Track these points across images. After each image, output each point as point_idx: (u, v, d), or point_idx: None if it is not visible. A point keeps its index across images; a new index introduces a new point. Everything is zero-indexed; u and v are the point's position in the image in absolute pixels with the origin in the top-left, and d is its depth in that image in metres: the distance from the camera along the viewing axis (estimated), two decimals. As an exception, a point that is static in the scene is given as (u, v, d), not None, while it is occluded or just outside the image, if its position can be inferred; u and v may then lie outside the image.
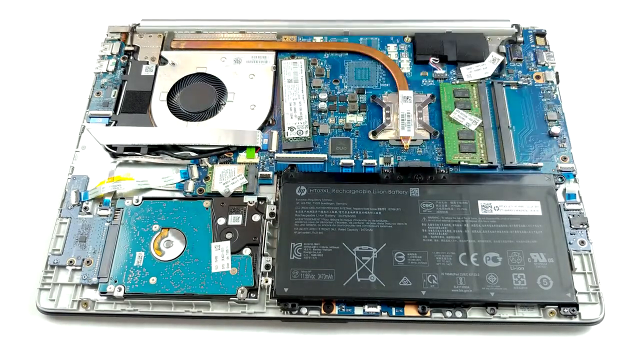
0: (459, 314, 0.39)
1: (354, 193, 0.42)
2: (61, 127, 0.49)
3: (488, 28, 0.52)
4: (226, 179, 0.44)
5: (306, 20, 0.53)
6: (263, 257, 0.41)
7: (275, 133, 0.47)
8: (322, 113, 0.48)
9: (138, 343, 0.40)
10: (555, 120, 0.46)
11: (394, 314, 0.39)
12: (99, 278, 0.40)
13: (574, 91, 0.49)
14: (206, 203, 0.43)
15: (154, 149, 0.46)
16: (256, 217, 0.42)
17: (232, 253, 0.41)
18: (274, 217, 0.42)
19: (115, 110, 0.48)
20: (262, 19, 0.53)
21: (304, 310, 0.39)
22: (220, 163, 0.45)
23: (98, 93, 0.49)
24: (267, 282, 0.40)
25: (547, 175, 0.43)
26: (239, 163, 0.45)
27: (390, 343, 0.39)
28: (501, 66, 0.49)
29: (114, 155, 0.46)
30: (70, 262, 0.41)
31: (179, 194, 0.44)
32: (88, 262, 0.41)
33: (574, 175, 0.44)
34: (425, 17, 0.53)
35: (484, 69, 0.49)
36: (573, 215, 0.42)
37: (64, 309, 0.40)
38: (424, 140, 0.46)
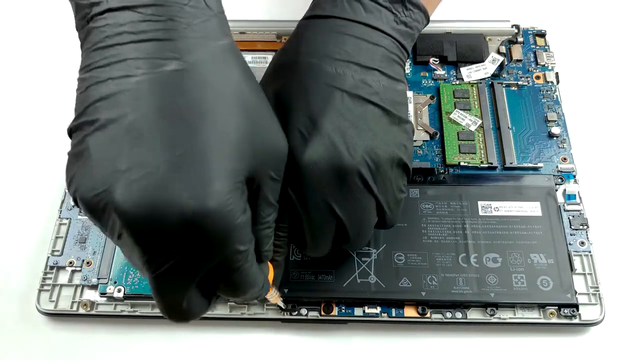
0: (458, 314, 0.39)
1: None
2: (61, 127, 0.49)
3: (488, 28, 0.51)
4: (226, 179, 0.44)
5: (306, 20, 0.53)
6: (263, 258, 0.41)
7: (275, 134, 0.47)
8: (322, 113, 0.48)
9: (138, 344, 0.40)
10: (555, 121, 0.46)
11: (393, 314, 0.39)
12: (98, 279, 0.40)
13: (574, 91, 0.49)
14: (206, 204, 0.43)
15: (153, 150, 0.46)
16: (256, 218, 0.42)
17: (232, 254, 0.41)
18: (274, 218, 0.42)
19: (115, 110, 0.48)
20: (262, 19, 0.52)
21: (303, 311, 0.39)
22: (220, 164, 0.45)
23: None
24: (267, 283, 0.40)
25: (547, 176, 0.43)
26: (239, 164, 0.45)
27: (390, 344, 0.39)
28: (501, 66, 0.49)
29: (114, 156, 0.46)
30: (70, 263, 0.41)
31: (178, 195, 0.44)
32: (88, 263, 0.41)
33: (574, 176, 0.44)
34: (425, 18, 0.53)
35: (484, 70, 0.49)
36: (573, 216, 0.42)
37: (63, 310, 0.40)
38: (423, 141, 0.46)
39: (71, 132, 0.28)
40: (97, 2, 0.28)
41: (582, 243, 0.41)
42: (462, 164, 0.44)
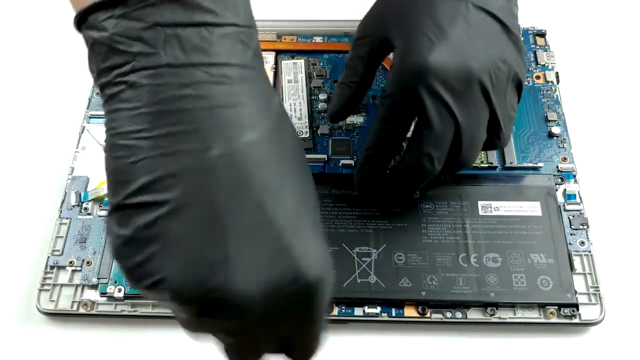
0: (458, 314, 0.39)
1: (354, 194, 0.42)
2: (61, 127, 0.49)
3: (488, 28, 0.51)
4: (226, 179, 0.44)
5: (306, 20, 0.53)
6: (263, 258, 0.41)
7: (275, 134, 0.47)
8: (322, 114, 0.48)
9: (139, 344, 0.40)
10: (555, 121, 0.46)
11: (393, 314, 0.39)
12: (99, 279, 0.40)
13: (574, 91, 0.49)
14: (206, 204, 0.43)
15: (153, 150, 0.46)
16: (256, 218, 0.42)
17: (232, 254, 0.41)
18: (274, 218, 0.42)
19: (115, 110, 0.48)
20: (262, 19, 0.52)
21: (304, 311, 0.39)
22: (220, 164, 0.45)
23: (98, 93, 0.49)
24: (267, 283, 0.40)
25: (547, 176, 0.43)
26: (239, 164, 0.45)
27: (390, 344, 0.39)
28: (501, 66, 0.49)
29: (114, 156, 0.46)
30: (70, 262, 0.41)
31: (179, 195, 0.44)
32: (88, 262, 0.41)
33: (574, 176, 0.44)
34: (425, 17, 0.53)
35: (484, 69, 0.49)
36: (573, 216, 0.42)
37: (63, 310, 0.40)
38: (424, 140, 0.46)
39: (121, 207, 0.24)
40: (147, 53, 0.24)
41: (582, 243, 0.41)
42: (462, 163, 0.44)
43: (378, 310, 0.39)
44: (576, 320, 0.38)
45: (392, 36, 0.36)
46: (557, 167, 0.44)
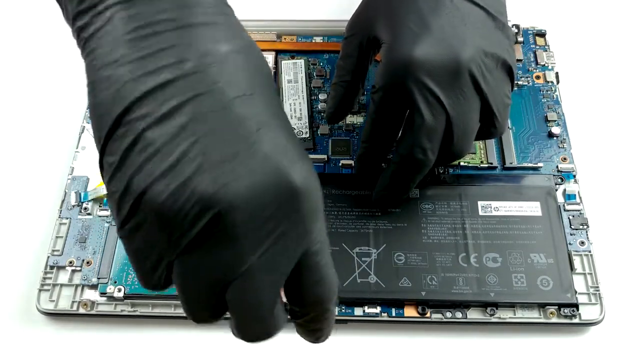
0: (458, 314, 0.39)
1: (354, 194, 0.42)
2: (61, 127, 0.49)
3: (488, 28, 0.51)
4: (226, 179, 0.44)
5: (306, 20, 0.53)
6: (263, 258, 0.40)
7: (275, 133, 0.47)
8: (322, 114, 0.48)
9: (139, 344, 0.40)
10: (555, 121, 0.46)
11: (393, 314, 0.39)
12: (98, 279, 0.40)
13: (574, 91, 0.49)
14: (206, 204, 0.43)
15: (153, 150, 0.46)
16: (256, 218, 0.42)
17: (232, 254, 0.41)
18: (274, 218, 0.42)
19: (115, 110, 0.48)
20: (262, 19, 0.52)
21: (303, 311, 0.39)
22: (220, 164, 0.45)
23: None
24: (267, 282, 0.40)
25: (547, 176, 0.43)
26: (239, 164, 0.45)
27: (390, 344, 0.39)
28: (501, 66, 0.49)
29: (114, 156, 0.46)
30: (70, 262, 0.41)
31: (178, 195, 0.44)
32: (88, 262, 0.41)
33: (574, 176, 0.44)
34: (425, 17, 0.53)
35: (484, 69, 0.49)
36: (573, 216, 0.42)
37: (63, 310, 0.40)
38: (423, 140, 0.46)
39: (107, 137, 0.25)
40: None
41: (582, 243, 0.41)
42: (462, 164, 0.44)
43: (378, 310, 0.39)
44: (576, 320, 0.38)
45: (379, 32, 0.36)
46: (557, 167, 0.44)
